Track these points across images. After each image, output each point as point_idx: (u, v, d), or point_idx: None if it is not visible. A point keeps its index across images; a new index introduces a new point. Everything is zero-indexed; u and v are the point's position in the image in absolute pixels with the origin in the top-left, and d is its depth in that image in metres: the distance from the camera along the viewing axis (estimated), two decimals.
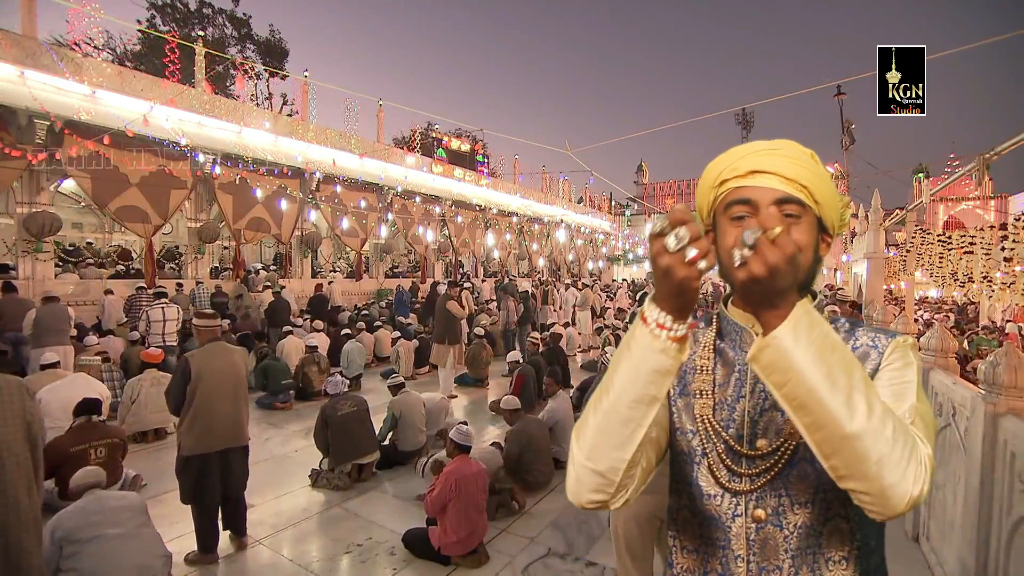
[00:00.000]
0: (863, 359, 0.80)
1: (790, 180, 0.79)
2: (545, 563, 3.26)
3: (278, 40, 26.66)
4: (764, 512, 0.77)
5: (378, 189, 13.72)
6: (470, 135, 24.93)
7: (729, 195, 0.82)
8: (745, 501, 0.79)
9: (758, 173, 0.80)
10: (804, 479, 0.77)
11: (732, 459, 0.80)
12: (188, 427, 3.16)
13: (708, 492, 0.82)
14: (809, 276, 0.81)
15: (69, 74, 8.25)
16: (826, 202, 0.81)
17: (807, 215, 0.79)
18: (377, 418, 4.84)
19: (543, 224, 20.90)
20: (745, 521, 0.78)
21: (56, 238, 8.71)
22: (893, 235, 14.30)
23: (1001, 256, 6.93)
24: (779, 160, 0.80)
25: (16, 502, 1.82)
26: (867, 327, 0.86)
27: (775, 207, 0.78)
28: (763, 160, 0.80)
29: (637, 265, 31.49)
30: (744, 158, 0.82)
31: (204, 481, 3.16)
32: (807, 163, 0.81)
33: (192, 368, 3.15)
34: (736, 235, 0.80)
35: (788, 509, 0.77)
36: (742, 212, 0.80)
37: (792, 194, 0.78)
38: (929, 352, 3.41)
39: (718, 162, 0.86)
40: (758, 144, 0.84)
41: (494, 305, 12.45)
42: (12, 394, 1.88)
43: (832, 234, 0.85)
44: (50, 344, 5.82)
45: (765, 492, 0.78)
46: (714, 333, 0.90)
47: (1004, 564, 2.23)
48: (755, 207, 0.79)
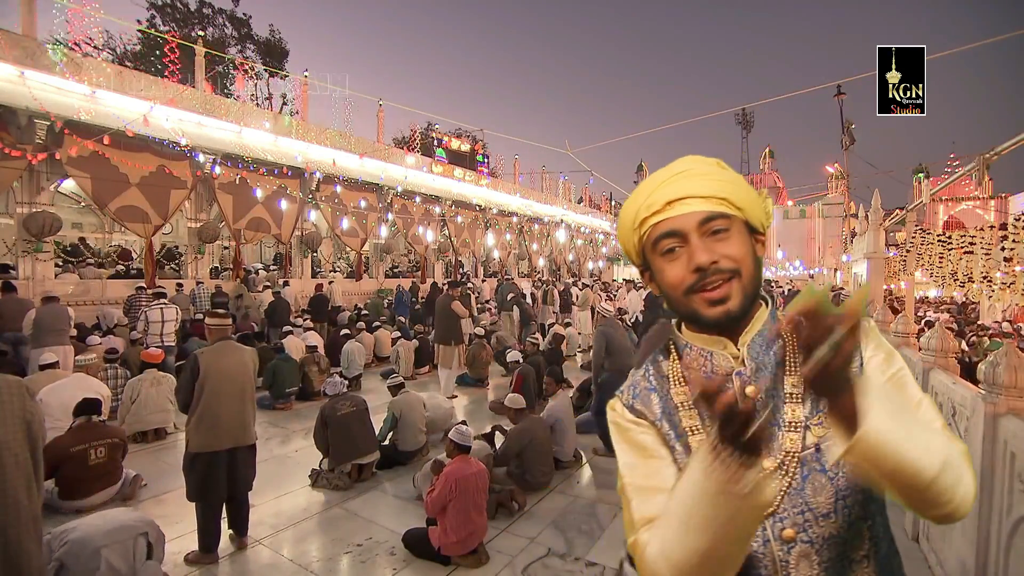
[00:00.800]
0: None
1: (707, 198, 0.78)
2: (545, 563, 3.26)
3: (278, 40, 26.69)
4: (792, 531, 0.75)
5: (378, 189, 13.72)
6: (470, 135, 24.95)
7: (653, 231, 0.81)
8: (771, 524, 0.76)
9: (675, 202, 0.79)
10: (821, 490, 0.75)
11: None
12: (196, 424, 3.18)
13: None
14: (757, 283, 0.80)
15: (69, 74, 8.25)
16: (748, 206, 0.81)
17: (735, 224, 0.79)
18: (377, 418, 4.84)
19: (543, 224, 20.91)
20: (775, 546, 0.75)
21: (56, 238, 8.70)
22: (893, 235, 14.31)
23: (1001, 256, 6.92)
24: (690, 182, 0.79)
25: (16, 502, 1.82)
26: None
27: (701, 228, 0.78)
28: (674, 188, 0.80)
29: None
30: (655, 191, 0.81)
31: (210, 479, 3.18)
32: (718, 174, 0.81)
33: (201, 365, 3.17)
34: (673, 272, 0.80)
35: (813, 523, 0.74)
36: (671, 244, 0.79)
37: (714, 210, 0.78)
38: (929, 352, 3.41)
39: (630, 203, 0.85)
40: (662, 174, 0.83)
41: (495, 306, 12.45)
42: (12, 394, 1.87)
43: (763, 232, 0.85)
44: (50, 344, 5.82)
45: (786, 510, 0.75)
46: (677, 363, 0.86)
47: (1004, 564, 2.23)
48: (683, 236, 0.78)
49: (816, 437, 0.76)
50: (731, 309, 0.77)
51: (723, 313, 0.77)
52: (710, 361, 0.83)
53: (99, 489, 3.80)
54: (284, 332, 7.99)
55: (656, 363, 0.90)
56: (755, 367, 0.80)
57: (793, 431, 0.76)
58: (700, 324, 0.81)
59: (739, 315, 0.78)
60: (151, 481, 4.24)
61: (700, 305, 0.78)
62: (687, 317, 0.83)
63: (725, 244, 0.78)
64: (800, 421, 0.77)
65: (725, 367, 0.82)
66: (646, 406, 0.86)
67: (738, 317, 0.78)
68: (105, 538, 2.50)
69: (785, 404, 0.78)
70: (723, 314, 0.77)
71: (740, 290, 0.77)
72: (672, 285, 0.80)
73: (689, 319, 0.83)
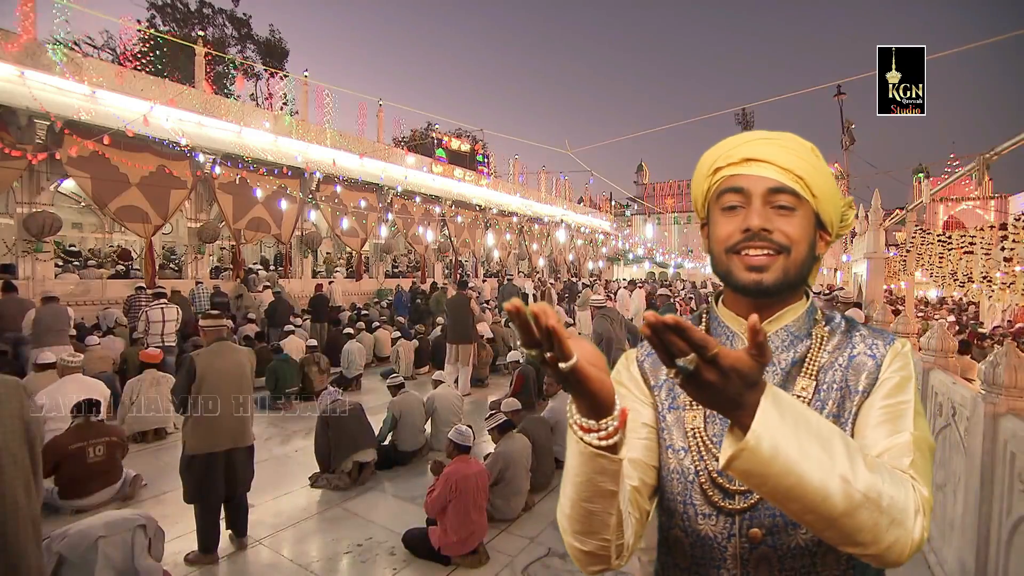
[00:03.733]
0: (858, 371, 0.76)
1: (785, 170, 0.76)
2: (545, 563, 3.26)
3: (278, 40, 26.69)
4: (760, 531, 0.74)
5: (378, 189, 13.71)
6: (470, 135, 24.95)
7: (722, 183, 0.80)
8: (740, 520, 0.75)
9: (752, 161, 0.77)
10: None
11: (725, 477, 0.76)
12: (192, 426, 3.17)
13: (702, 511, 0.77)
14: (803, 273, 0.78)
15: (69, 74, 8.24)
16: (825, 197, 0.78)
17: (803, 207, 0.77)
18: (377, 418, 4.84)
19: (543, 224, 20.90)
20: (739, 541, 0.75)
21: (56, 238, 8.70)
22: (893, 235, 14.30)
23: (1001, 256, 6.92)
24: (775, 149, 0.77)
25: (14, 503, 1.82)
26: (865, 328, 0.82)
27: (768, 196, 0.76)
28: (758, 148, 0.78)
29: (637, 265, 31.49)
30: (739, 146, 0.80)
31: (208, 481, 3.17)
32: (805, 155, 0.78)
33: (196, 366, 3.15)
34: (725, 227, 0.78)
35: (782, 529, 0.73)
36: (734, 202, 0.78)
37: (786, 184, 0.76)
38: (929, 352, 3.41)
39: (713, 150, 0.83)
40: (756, 133, 0.81)
41: (494, 305, 12.45)
42: (10, 394, 1.87)
43: (831, 233, 0.82)
44: (50, 344, 5.81)
45: (759, 511, 0.74)
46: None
47: (1004, 564, 2.23)
48: (747, 196, 0.77)
49: None
50: (764, 280, 0.75)
51: (756, 282, 0.75)
52: (731, 342, 0.82)
53: (99, 488, 3.80)
54: (284, 332, 7.99)
55: None
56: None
57: None
58: (731, 287, 0.80)
59: (771, 291, 0.76)
60: (151, 481, 4.24)
61: (737, 266, 0.77)
62: (722, 277, 0.81)
63: (785, 220, 0.76)
64: None
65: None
66: (654, 369, 0.86)
67: (769, 292, 0.76)
68: (103, 529, 2.51)
69: None
70: (755, 283, 0.75)
71: (782, 268, 0.75)
72: (719, 239, 0.79)
73: (723, 279, 0.81)
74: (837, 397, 0.76)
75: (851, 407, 0.75)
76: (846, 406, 0.75)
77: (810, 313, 0.82)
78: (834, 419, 0.75)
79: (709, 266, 0.86)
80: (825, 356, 0.79)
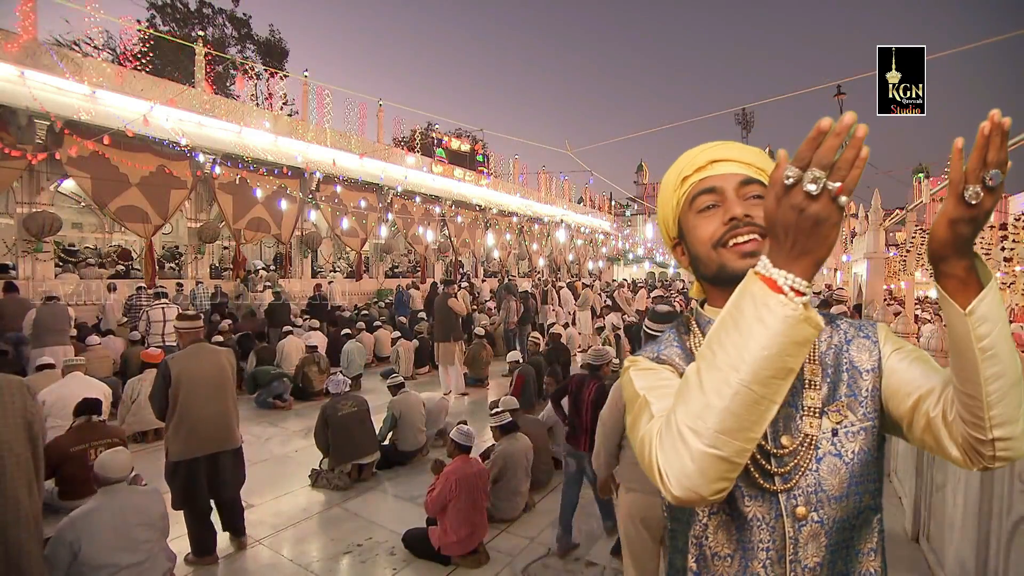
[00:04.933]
0: (862, 351, 0.82)
1: (749, 164, 0.82)
2: (545, 563, 3.26)
3: (278, 40, 26.64)
4: (805, 509, 0.76)
5: (378, 189, 13.72)
6: (470, 135, 24.93)
7: (693, 188, 0.84)
8: (785, 499, 0.77)
9: (717, 162, 0.83)
10: (835, 472, 0.76)
11: (764, 459, 0.78)
12: (174, 432, 3.11)
13: (748, 494, 0.78)
14: None
15: (69, 74, 8.25)
16: None
17: None
18: (377, 418, 4.84)
19: (543, 224, 20.90)
20: (786, 520, 0.76)
21: (56, 238, 8.71)
22: (893, 235, 14.30)
23: (1001, 256, 6.92)
24: (734, 149, 0.84)
25: (16, 501, 1.82)
26: (842, 319, 0.89)
27: (740, 189, 0.81)
28: (719, 151, 0.84)
29: (637, 265, 31.49)
30: (701, 153, 0.85)
31: (193, 487, 3.12)
32: (761, 155, 0.85)
33: (172, 371, 3.08)
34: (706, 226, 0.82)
35: (825, 503, 0.76)
36: (709, 201, 0.82)
37: (754, 176, 0.81)
38: (929, 352, 3.41)
39: (674, 167, 0.88)
40: (710, 143, 0.87)
41: (494, 305, 12.45)
42: (13, 394, 1.88)
43: None
44: (50, 344, 5.82)
45: (801, 488, 0.77)
46: (699, 339, 0.87)
47: (1004, 564, 2.23)
48: (721, 193, 0.81)
49: (833, 423, 0.78)
50: None
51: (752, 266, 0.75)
52: None
53: None
54: (284, 332, 8.00)
55: (678, 337, 0.91)
56: None
57: (811, 415, 0.78)
58: (725, 279, 0.79)
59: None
60: (151, 481, 4.18)
61: (729, 257, 0.79)
62: (713, 275, 0.82)
63: (760, 208, 0.78)
64: (818, 407, 0.79)
65: None
66: (671, 358, 0.87)
67: None
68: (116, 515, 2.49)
69: (804, 390, 0.80)
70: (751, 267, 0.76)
71: None
72: (703, 240, 0.82)
73: (714, 276, 0.82)
74: (847, 379, 0.81)
75: (866, 385, 0.80)
76: (860, 385, 0.80)
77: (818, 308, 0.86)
78: (849, 398, 0.80)
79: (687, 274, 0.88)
80: (822, 344, 0.84)
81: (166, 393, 3.09)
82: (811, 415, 0.78)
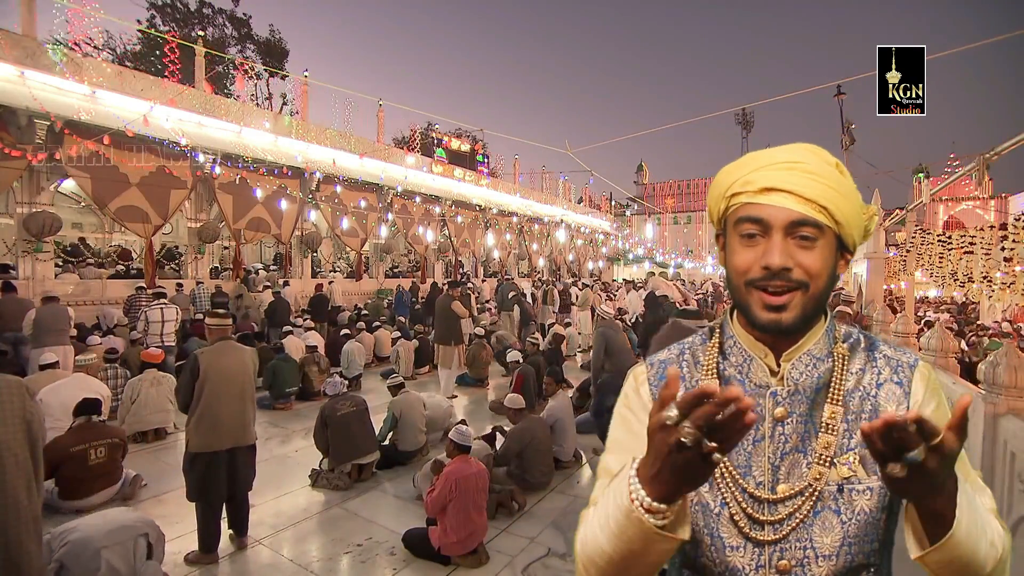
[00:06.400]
0: (890, 400, 0.76)
1: (808, 200, 0.72)
2: (545, 563, 3.26)
3: (278, 40, 26.66)
4: (788, 563, 0.72)
5: (378, 189, 13.71)
6: (470, 135, 24.93)
7: (740, 210, 0.76)
8: (768, 552, 0.73)
9: (772, 191, 0.73)
10: (829, 530, 0.72)
11: (753, 507, 0.75)
12: (195, 424, 3.18)
13: (730, 544, 0.75)
14: (822, 304, 0.76)
15: (69, 74, 8.24)
16: (848, 221, 0.74)
17: (825, 237, 0.73)
18: (377, 418, 4.84)
19: (543, 224, 20.90)
20: (768, 572, 0.73)
21: (56, 238, 8.70)
22: (893, 235, 14.30)
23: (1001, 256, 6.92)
24: (797, 177, 0.73)
25: (16, 501, 1.82)
26: (886, 346, 0.82)
27: (789, 229, 0.72)
28: (779, 176, 0.73)
29: (637, 265, 31.49)
30: (758, 171, 0.75)
31: (210, 479, 3.18)
32: (830, 179, 0.73)
33: (201, 365, 3.17)
34: (743, 258, 0.75)
35: (812, 561, 0.72)
36: (753, 231, 0.74)
37: (809, 216, 0.72)
38: (929, 352, 3.41)
39: (730, 172, 0.79)
40: (776, 155, 0.76)
41: (495, 305, 12.45)
42: (12, 394, 1.87)
43: (852, 252, 0.79)
44: (50, 344, 5.81)
45: (790, 542, 0.73)
46: (717, 351, 0.82)
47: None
48: (766, 228, 0.73)
49: (840, 477, 0.73)
50: (784, 321, 0.73)
51: (775, 322, 0.73)
52: (748, 366, 0.79)
53: (99, 489, 3.80)
54: (284, 332, 8.00)
55: (694, 345, 0.86)
56: (793, 388, 0.76)
57: (821, 464, 0.73)
58: (749, 321, 0.77)
59: (790, 330, 0.74)
60: (151, 481, 4.24)
61: (755, 304, 0.74)
62: (739, 307, 0.78)
63: (806, 254, 0.72)
64: (830, 455, 0.73)
65: (761, 379, 0.78)
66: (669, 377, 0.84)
67: (787, 332, 0.74)
68: (106, 539, 2.50)
69: (820, 434, 0.74)
70: (775, 323, 0.73)
71: (801, 305, 0.73)
72: (737, 270, 0.76)
73: (740, 310, 0.78)
74: None
75: None
76: None
77: (829, 332, 0.79)
78: (864, 451, 0.73)
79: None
80: (851, 380, 0.77)
81: (193, 386, 3.17)
82: (821, 463, 0.73)
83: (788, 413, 0.75)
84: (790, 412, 0.75)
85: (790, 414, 0.75)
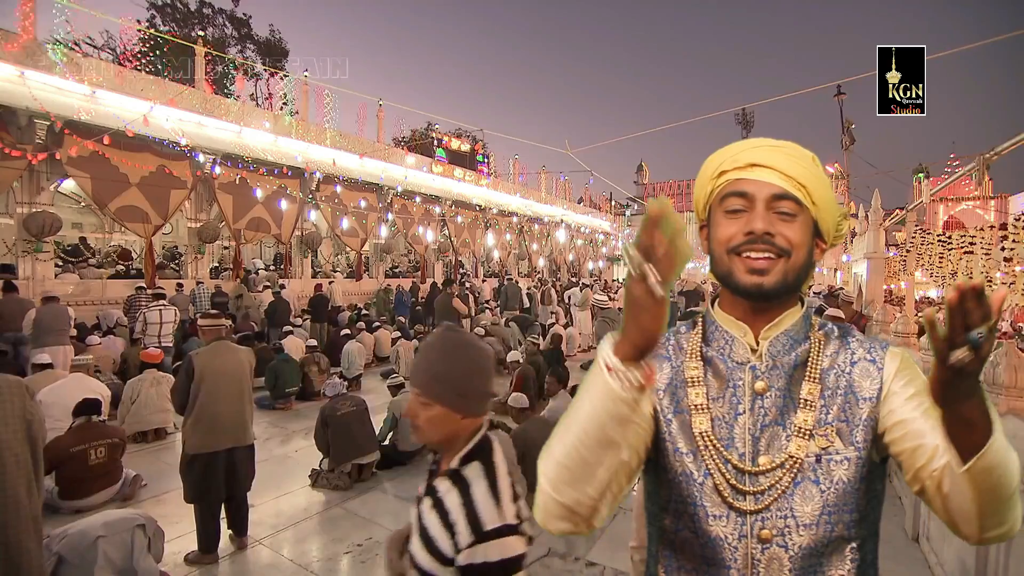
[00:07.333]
0: (863, 376, 0.79)
1: (789, 177, 0.79)
2: (545, 563, 3.25)
3: (278, 40, 26.66)
4: (770, 532, 0.75)
5: (378, 189, 13.71)
6: (470, 135, 24.93)
7: (726, 187, 0.82)
8: (751, 521, 0.76)
9: (757, 167, 0.80)
10: (809, 499, 0.75)
11: (736, 477, 0.77)
12: (192, 425, 3.16)
13: (713, 513, 0.77)
14: (801, 277, 0.80)
15: (69, 74, 8.24)
16: (823, 206, 0.81)
17: (803, 215, 0.79)
18: (377, 418, 4.84)
19: (543, 224, 20.90)
20: (750, 542, 0.75)
21: (56, 238, 8.70)
22: (893, 235, 14.31)
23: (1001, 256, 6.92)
24: (779, 156, 0.80)
25: (16, 501, 1.82)
26: (859, 334, 0.86)
27: (771, 202, 0.79)
28: (763, 155, 0.81)
29: None
30: (745, 151, 0.82)
31: (208, 480, 3.16)
32: (808, 164, 0.81)
33: (196, 366, 3.15)
34: (728, 229, 0.80)
35: (793, 530, 0.75)
36: (738, 205, 0.80)
37: (789, 191, 0.78)
38: (929, 352, 3.41)
39: (718, 154, 0.86)
40: (761, 140, 0.84)
41: (495, 305, 12.45)
42: (12, 394, 1.88)
43: (827, 241, 0.84)
44: (50, 344, 5.82)
45: (771, 512, 0.75)
46: (699, 337, 0.86)
47: (1004, 564, 2.23)
48: (751, 200, 0.79)
49: (819, 448, 0.76)
50: (765, 284, 0.77)
51: (757, 284, 0.78)
52: (730, 347, 0.83)
53: (99, 489, 3.80)
54: (284, 332, 8.00)
55: (678, 333, 0.90)
56: (771, 364, 0.80)
57: (800, 437, 0.76)
58: (731, 288, 0.81)
59: (771, 294, 0.78)
60: (151, 481, 4.24)
61: (738, 268, 0.79)
62: (722, 278, 0.82)
63: (787, 226, 0.78)
64: (809, 428, 0.76)
65: (742, 356, 0.82)
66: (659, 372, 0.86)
67: (768, 296, 0.79)
68: (102, 529, 2.51)
69: (798, 409, 0.78)
70: (756, 285, 0.78)
71: (782, 272, 0.78)
72: (721, 241, 0.81)
73: (723, 280, 0.82)
74: (842, 402, 0.78)
75: (861, 414, 0.77)
76: (855, 412, 0.78)
77: (806, 318, 0.84)
78: (843, 424, 0.77)
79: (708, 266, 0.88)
80: (826, 360, 0.81)
81: (189, 387, 3.16)
82: (800, 436, 0.76)
83: (768, 387, 0.79)
84: (769, 386, 0.79)
85: (769, 387, 0.79)
